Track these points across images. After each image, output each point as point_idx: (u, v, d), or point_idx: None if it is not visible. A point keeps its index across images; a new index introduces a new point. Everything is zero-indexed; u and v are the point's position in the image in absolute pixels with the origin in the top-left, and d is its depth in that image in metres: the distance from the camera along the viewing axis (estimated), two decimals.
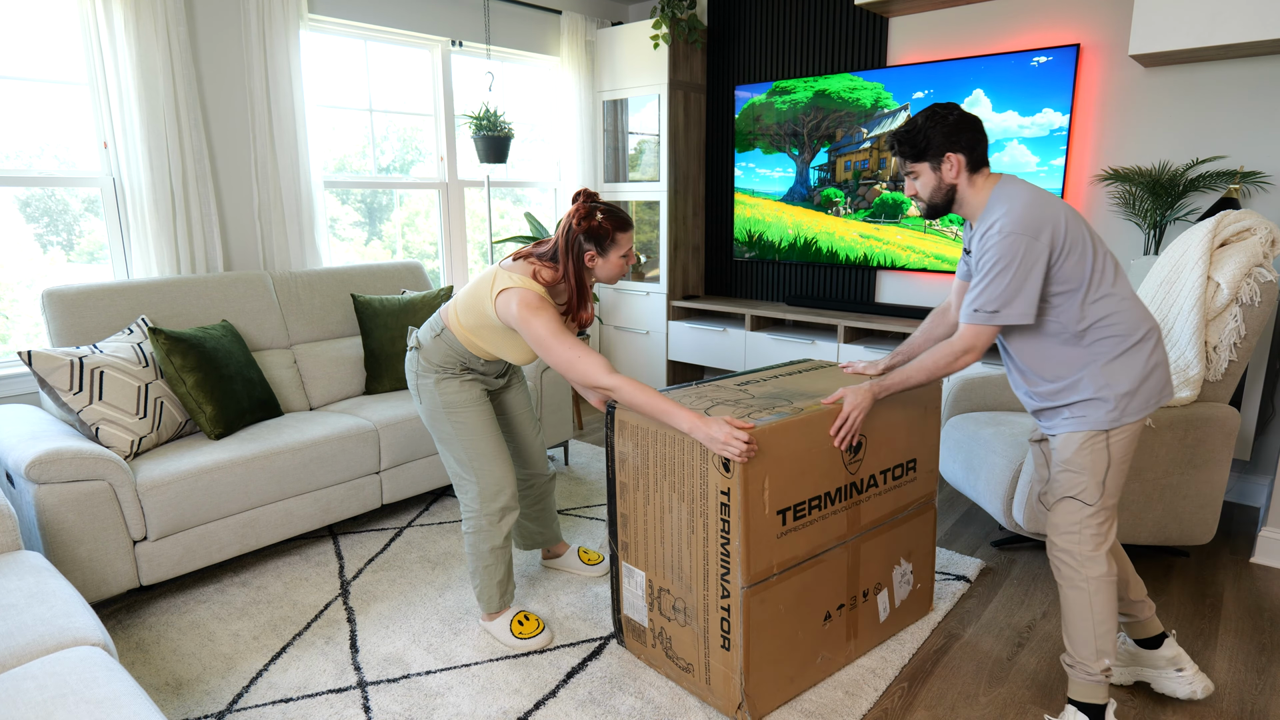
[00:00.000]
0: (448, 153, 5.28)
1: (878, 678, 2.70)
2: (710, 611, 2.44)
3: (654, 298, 5.94)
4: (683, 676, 2.60)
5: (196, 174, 4.00)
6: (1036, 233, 2.20)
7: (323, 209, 4.48)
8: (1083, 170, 4.44)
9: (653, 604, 2.63)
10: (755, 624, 2.38)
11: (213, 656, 2.85)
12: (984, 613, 3.12)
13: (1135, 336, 2.28)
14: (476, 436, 2.78)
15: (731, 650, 2.41)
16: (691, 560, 2.45)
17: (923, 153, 2.33)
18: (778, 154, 5.43)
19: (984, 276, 2.24)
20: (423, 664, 2.79)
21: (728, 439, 2.26)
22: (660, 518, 2.52)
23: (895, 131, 2.37)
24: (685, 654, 2.56)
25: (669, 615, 2.57)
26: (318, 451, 3.51)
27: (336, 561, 3.53)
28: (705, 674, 2.51)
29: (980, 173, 2.35)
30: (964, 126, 2.31)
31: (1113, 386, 2.27)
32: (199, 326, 3.69)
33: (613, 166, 6.05)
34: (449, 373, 2.78)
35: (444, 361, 2.77)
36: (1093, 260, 2.26)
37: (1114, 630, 2.34)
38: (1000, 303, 2.23)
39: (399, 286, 4.56)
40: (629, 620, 2.77)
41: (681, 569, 2.49)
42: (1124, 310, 2.28)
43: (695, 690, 2.57)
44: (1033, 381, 2.39)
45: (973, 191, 2.34)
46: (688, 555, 2.46)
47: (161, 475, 3.09)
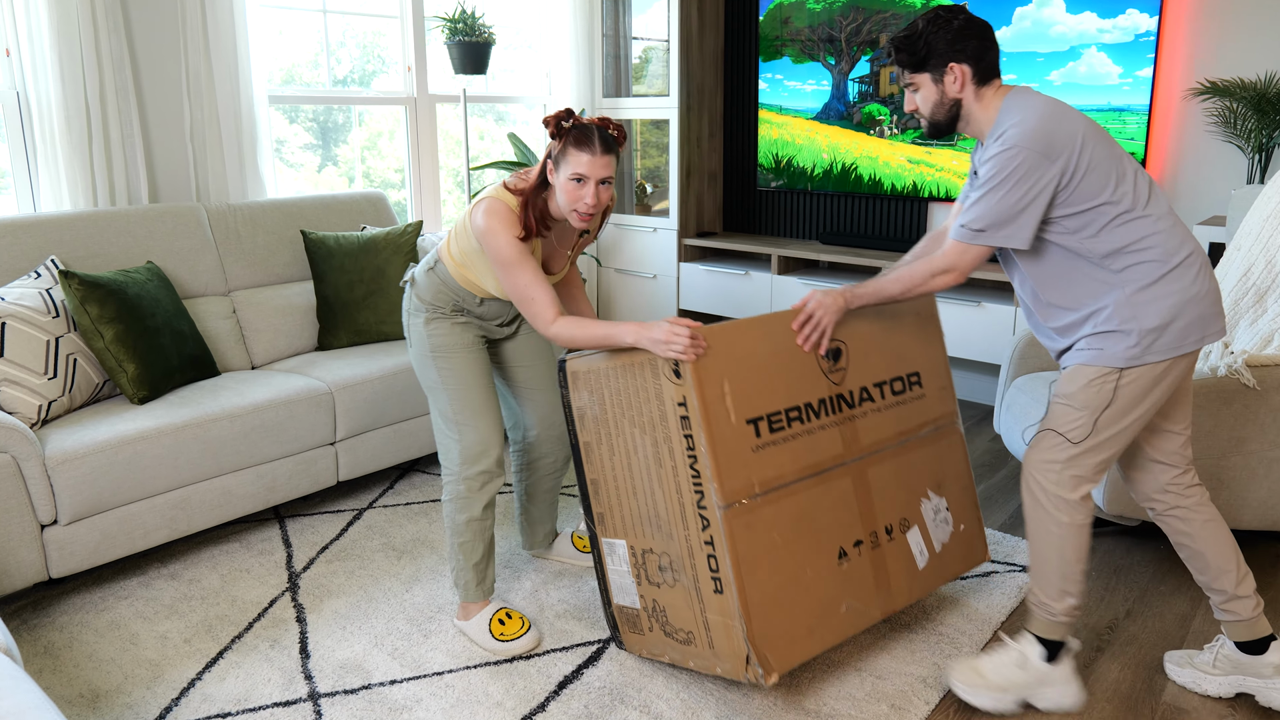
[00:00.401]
0: (416, 62, 5.27)
1: (929, 688, 2.69)
2: (695, 555, 2.49)
3: (662, 235, 5.94)
4: (687, 653, 2.61)
5: (117, 86, 3.98)
6: (1047, 150, 2.27)
7: (267, 129, 4.48)
8: (1174, 84, 4.48)
9: (639, 574, 2.68)
10: (745, 555, 2.43)
11: (136, 663, 2.83)
12: None
13: (1173, 261, 2.32)
14: (464, 386, 2.86)
15: (725, 592, 2.43)
16: (665, 499, 2.54)
17: (923, 62, 2.41)
18: (810, 63, 5.44)
19: (981, 189, 2.32)
20: (386, 672, 2.79)
21: (668, 336, 2.41)
22: (628, 464, 2.62)
23: (893, 37, 2.45)
24: (682, 621, 2.59)
25: (657, 580, 2.63)
26: (261, 418, 3.50)
27: (283, 550, 3.53)
28: (706, 636, 2.53)
29: (989, 85, 2.42)
30: (970, 33, 2.38)
31: (1139, 320, 2.33)
32: (119, 269, 3.66)
33: (613, 78, 6.06)
34: (440, 312, 2.87)
35: (436, 299, 2.86)
36: (1117, 178, 2.31)
37: (1083, 571, 2.51)
38: (990, 221, 2.32)
39: (358, 221, 4.55)
40: (622, 611, 2.80)
41: (658, 514, 2.57)
42: (1161, 232, 2.33)
43: (702, 664, 2.57)
44: (1049, 314, 2.48)
45: (980, 107, 2.42)
46: (660, 495, 2.55)
47: (75, 446, 3.07)
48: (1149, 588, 3.22)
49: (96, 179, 3.95)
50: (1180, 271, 2.32)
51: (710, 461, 2.40)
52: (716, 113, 6.01)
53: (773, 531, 2.48)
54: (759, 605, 2.43)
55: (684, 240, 5.89)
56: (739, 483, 2.44)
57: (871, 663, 2.79)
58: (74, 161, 3.88)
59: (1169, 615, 3.06)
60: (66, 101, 3.82)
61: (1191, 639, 2.92)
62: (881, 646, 2.87)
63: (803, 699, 2.62)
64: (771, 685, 2.42)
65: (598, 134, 2.61)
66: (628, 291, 6.20)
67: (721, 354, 2.46)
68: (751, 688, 2.67)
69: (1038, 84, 4.64)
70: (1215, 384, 3.04)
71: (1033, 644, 2.57)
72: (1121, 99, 4.45)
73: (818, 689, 2.66)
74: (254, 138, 4.42)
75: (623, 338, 2.50)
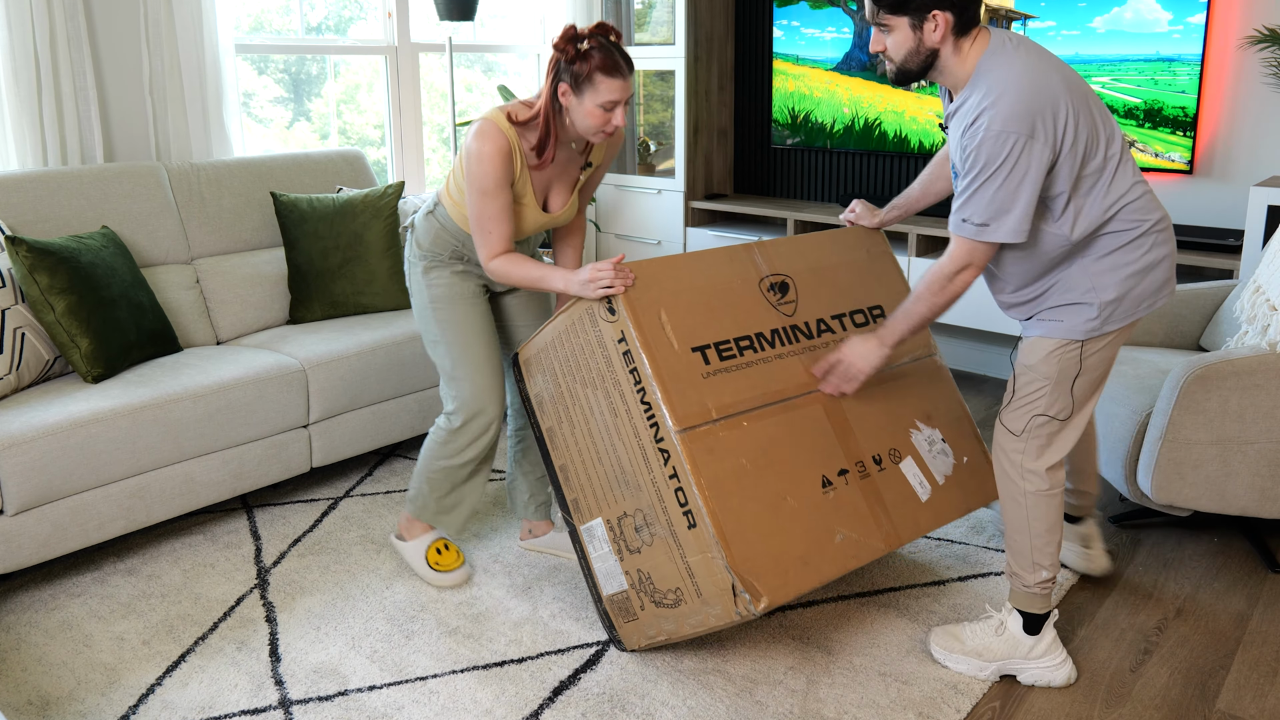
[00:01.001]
0: (397, 7, 5.26)
1: (960, 695, 2.69)
2: (664, 496, 2.59)
3: (667, 197, 5.95)
4: (681, 618, 2.65)
5: (69, 35, 3.98)
6: (1032, 128, 2.32)
7: (233, 81, 4.48)
8: (1229, 31, 4.44)
9: (619, 548, 2.76)
10: (712, 480, 2.53)
11: (90, 667, 2.83)
12: (1099, 610, 3.10)
13: (1137, 230, 2.48)
14: (463, 339, 3.01)
15: (698, 524, 2.51)
16: (626, 448, 2.66)
17: (904, 4, 2.41)
18: (830, 9, 5.44)
19: (971, 179, 2.38)
20: (365, 677, 2.79)
21: (592, 275, 2.58)
22: (588, 431, 2.77)
23: None
24: (668, 580, 2.65)
25: (636, 545, 2.71)
26: (227, 399, 3.50)
27: (252, 543, 3.54)
28: (693, 585, 2.57)
29: (968, 35, 2.45)
30: None
31: (1099, 291, 2.50)
32: (72, 235, 3.65)
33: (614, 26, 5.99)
34: (439, 260, 3.02)
35: (434, 245, 3.00)
36: (1104, 142, 2.43)
37: (1054, 544, 2.66)
38: (990, 214, 2.38)
39: (333, 182, 4.56)
40: (612, 601, 2.84)
41: (623, 469, 2.69)
42: (1131, 201, 2.47)
43: (696, 622, 2.61)
44: (1009, 282, 2.64)
45: (957, 59, 2.46)
46: (621, 446, 2.68)
47: (22, 430, 3.06)
48: (1201, 584, 3.20)
49: (46, 136, 3.93)
50: (1142, 240, 2.48)
51: (657, 387, 2.55)
52: (727, 63, 5.99)
53: (739, 457, 2.59)
54: (736, 531, 2.50)
55: (691, 203, 5.89)
56: (692, 407, 2.57)
57: (896, 666, 2.78)
58: (21, 117, 3.87)
59: (1223, 614, 3.04)
60: (14, 51, 3.81)
61: (1249, 639, 2.89)
62: (908, 649, 2.86)
63: (822, 706, 2.60)
64: (762, 612, 2.45)
65: (620, 56, 2.72)
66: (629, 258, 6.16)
67: (653, 286, 2.66)
68: (765, 695, 2.65)
69: (1080, 31, 4.60)
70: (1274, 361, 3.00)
71: (1011, 613, 2.72)
72: (1171, 48, 4.40)
73: (839, 696, 2.65)
74: (219, 90, 4.40)
75: (553, 281, 2.72)
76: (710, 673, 2.75)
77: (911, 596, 3.12)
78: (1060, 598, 3.14)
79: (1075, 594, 3.17)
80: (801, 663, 2.79)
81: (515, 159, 2.78)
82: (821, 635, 2.92)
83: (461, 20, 4.99)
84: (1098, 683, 2.74)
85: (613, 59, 2.69)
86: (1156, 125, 4.50)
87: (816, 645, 2.88)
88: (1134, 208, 2.46)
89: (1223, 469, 3.06)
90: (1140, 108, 4.52)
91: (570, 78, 2.70)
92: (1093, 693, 2.70)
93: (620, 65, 2.70)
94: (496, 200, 2.76)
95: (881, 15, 2.44)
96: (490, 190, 2.75)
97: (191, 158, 4.35)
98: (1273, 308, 3.16)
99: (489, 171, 2.73)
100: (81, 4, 3.99)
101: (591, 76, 2.68)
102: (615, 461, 2.71)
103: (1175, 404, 3.03)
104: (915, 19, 2.41)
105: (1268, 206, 3.90)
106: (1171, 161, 4.49)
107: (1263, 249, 3.75)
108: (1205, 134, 4.51)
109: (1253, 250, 3.85)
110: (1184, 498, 3.10)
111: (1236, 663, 2.80)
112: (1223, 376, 3.00)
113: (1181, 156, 4.46)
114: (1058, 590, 3.16)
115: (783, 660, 2.80)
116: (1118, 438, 3.26)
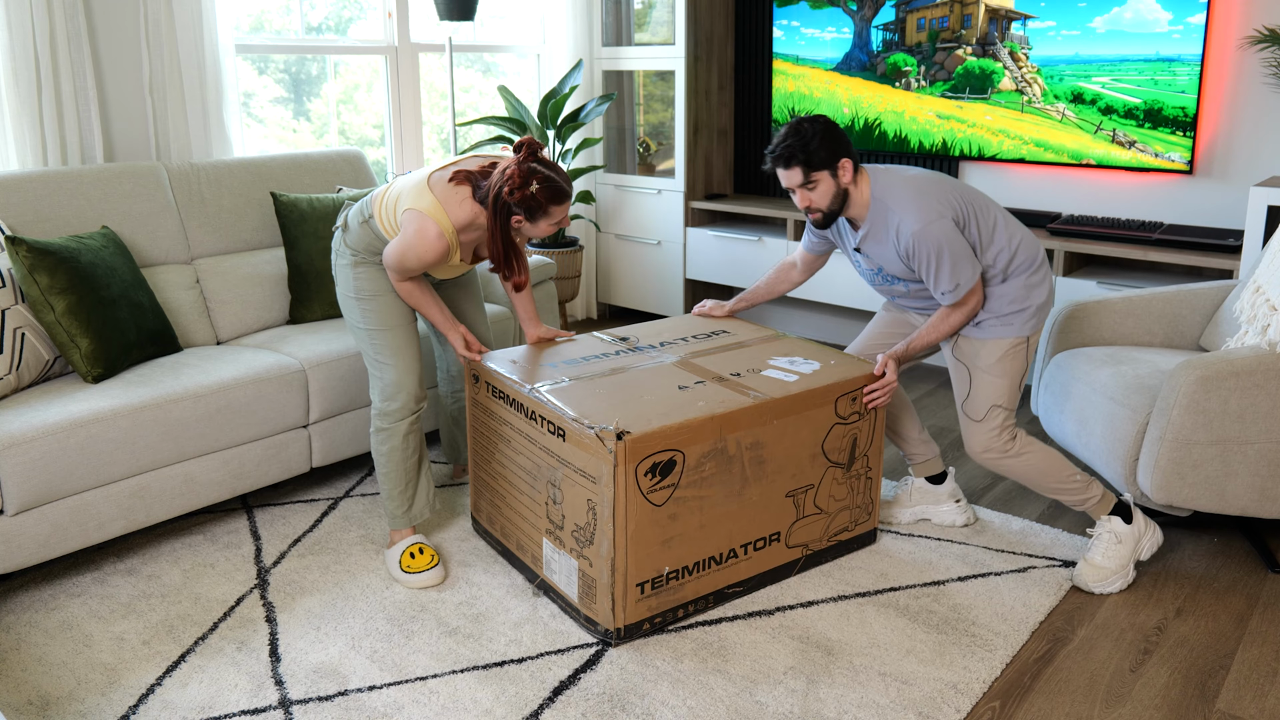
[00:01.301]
0: (397, 7, 5.25)
1: (960, 695, 2.68)
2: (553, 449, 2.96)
3: (667, 197, 5.94)
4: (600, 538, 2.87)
5: (69, 35, 3.97)
6: (940, 213, 3.00)
7: (234, 81, 4.47)
8: (1228, 31, 4.45)
9: (557, 540, 3.03)
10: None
11: (90, 667, 2.82)
12: (1099, 610, 3.11)
13: (1037, 260, 3.17)
14: (384, 328, 3.26)
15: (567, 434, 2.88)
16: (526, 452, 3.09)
17: (822, 161, 3.02)
18: (830, 9, 5.44)
19: (931, 272, 3.03)
20: (365, 677, 2.78)
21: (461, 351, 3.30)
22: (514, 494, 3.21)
23: (779, 149, 3.05)
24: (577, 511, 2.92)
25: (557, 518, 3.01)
26: (227, 399, 3.49)
27: (252, 543, 3.53)
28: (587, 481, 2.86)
29: (860, 173, 3.12)
30: (839, 133, 3.06)
31: (1032, 298, 3.16)
32: (72, 235, 3.64)
33: (613, 26, 6.04)
34: (368, 259, 3.25)
35: (365, 248, 3.23)
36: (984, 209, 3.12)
37: (1067, 467, 3.21)
38: (957, 280, 3.03)
39: (333, 182, 4.54)
40: (582, 594, 2.97)
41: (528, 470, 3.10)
42: (1020, 238, 3.15)
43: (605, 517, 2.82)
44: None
45: (858, 191, 3.11)
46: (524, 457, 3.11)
47: (22, 430, 3.05)
48: (1201, 584, 3.21)
49: (46, 136, 3.93)
50: (1041, 267, 3.17)
51: None
52: (727, 63, 5.99)
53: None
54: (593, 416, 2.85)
55: (691, 203, 5.88)
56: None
57: (897, 666, 2.77)
58: (22, 117, 3.86)
59: (1223, 614, 3.04)
60: (14, 51, 3.80)
61: (1249, 639, 2.89)
62: (908, 649, 2.85)
63: (822, 706, 2.60)
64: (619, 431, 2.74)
65: (562, 180, 3.04)
66: (629, 259, 6.16)
67: None
68: (766, 695, 2.65)
69: (1080, 31, 4.61)
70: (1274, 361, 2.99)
71: (1108, 521, 3.18)
72: (1171, 48, 4.41)
73: (838, 696, 2.64)
74: (219, 90, 4.39)
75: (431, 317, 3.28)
76: (710, 673, 2.75)
77: (911, 596, 3.12)
78: (1061, 596, 3.14)
79: (1075, 594, 3.17)
80: (801, 663, 2.79)
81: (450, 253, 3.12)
82: (821, 635, 2.92)
83: (461, 20, 4.98)
84: (1098, 683, 2.74)
85: (556, 188, 3.01)
86: (1156, 125, 4.50)
87: (816, 645, 2.87)
88: (1023, 244, 3.13)
89: (1223, 469, 3.06)
90: (1140, 108, 4.52)
91: (524, 211, 3.01)
92: (1093, 693, 2.70)
93: (565, 190, 3.03)
94: (418, 264, 3.08)
95: (810, 176, 3.02)
96: (414, 262, 3.07)
97: (191, 158, 4.34)
98: (1273, 308, 3.16)
99: (421, 255, 3.04)
100: (81, 4, 3.99)
101: (545, 208, 3.01)
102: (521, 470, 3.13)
103: (1175, 404, 3.02)
104: (832, 170, 3.03)
105: (1268, 206, 3.90)
106: (1171, 161, 4.49)
107: (1263, 249, 3.75)
108: (1205, 134, 4.51)
109: (1253, 250, 3.85)
110: (1184, 498, 3.10)
111: (1236, 663, 2.80)
112: (1223, 376, 2.99)
113: (1181, 156, 4.45)
114: (1057, 590, 3.17)
115: (783, 660, 2.80)
116: (1118, 438, 3.26)
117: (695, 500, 2.90)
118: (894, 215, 3.03)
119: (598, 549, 2.83)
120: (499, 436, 3.23)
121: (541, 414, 2.96)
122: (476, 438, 3.38)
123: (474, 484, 3.47)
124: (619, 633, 2.87)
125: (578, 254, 5.69)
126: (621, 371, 3.18)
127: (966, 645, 2.87)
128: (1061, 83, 4.71)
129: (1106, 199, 4.86)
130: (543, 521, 3.07)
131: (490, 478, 3.33)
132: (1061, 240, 4.59)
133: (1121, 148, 4.61)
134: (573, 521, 2.92)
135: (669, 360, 3.29)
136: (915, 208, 2.99)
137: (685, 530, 2.91)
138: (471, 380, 3.32)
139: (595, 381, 3.09)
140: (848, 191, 3.08)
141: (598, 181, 6.21)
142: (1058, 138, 4.81)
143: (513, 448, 3.16)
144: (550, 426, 2.94)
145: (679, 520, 2.88)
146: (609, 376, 3.14)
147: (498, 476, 3.28)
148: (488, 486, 3.37)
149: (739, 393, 3.03)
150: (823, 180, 3.03)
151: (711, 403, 2.95)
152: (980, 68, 4.97)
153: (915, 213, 2.98)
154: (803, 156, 3.00)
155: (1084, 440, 3.45)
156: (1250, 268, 3.77)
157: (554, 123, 5.47)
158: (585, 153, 6.00)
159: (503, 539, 3.33)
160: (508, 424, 3.15)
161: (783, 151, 3.03)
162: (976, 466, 4.07)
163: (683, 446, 2.83)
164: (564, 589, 3.02)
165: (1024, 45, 4.77)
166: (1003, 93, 4.92)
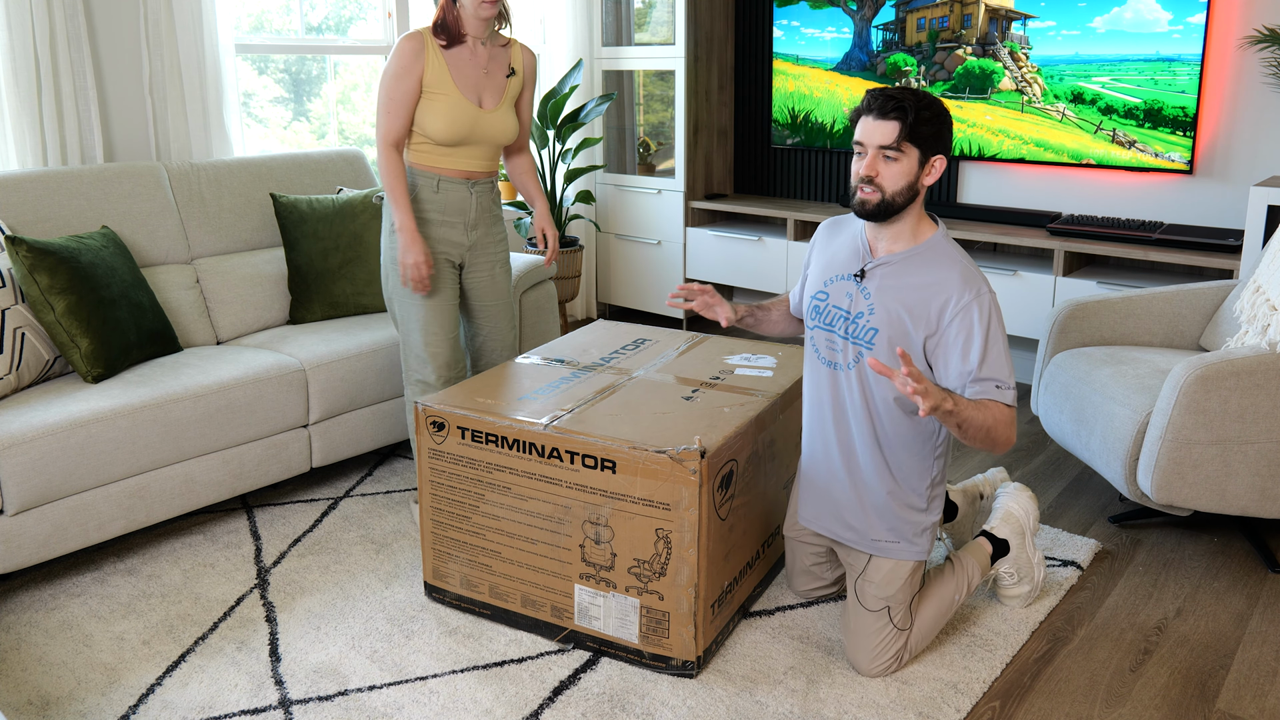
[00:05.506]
0: (397, 7, 5.25)
1: (960, 695, 2.68)
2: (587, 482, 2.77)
3: (667, 197, 5.93)
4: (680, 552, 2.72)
5: (69, 35, 3.96)
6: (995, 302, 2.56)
7: (233, 81, 4.47)
8: (1228, 31, 4.44)
9: (601, 580, 2.82)
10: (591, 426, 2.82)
11: (90, 667, 2.82)
12: (1099, 610, 3.11)
13: None
14: (418, 301, 3.39)
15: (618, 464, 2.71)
16: (541, 501, 2.85)
17: (923, 139, 2.50)
18: (830, 9, 5.44)
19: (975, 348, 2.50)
20: (365, 676, 2.78)
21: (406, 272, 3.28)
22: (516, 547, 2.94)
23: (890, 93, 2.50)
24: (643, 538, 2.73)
25: (607, 559, 2.80)
26: (227, 399, 3.49)
27: (252, 543, 3.53)
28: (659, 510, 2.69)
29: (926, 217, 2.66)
30: (951, 130, 2.59)
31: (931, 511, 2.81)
32: (72, 235, 3.64)
33: (614, 26, 6.03)
34: None
35: None
36: None
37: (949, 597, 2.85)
38: (1009, 372, 2.52)
39: (333, 183, 4.54)
40: (645, 637, 2.81)
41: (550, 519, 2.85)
42: None
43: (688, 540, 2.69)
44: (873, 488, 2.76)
45: (917, 215, 2.61)
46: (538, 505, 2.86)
47: (22, 430, 3.05)
48: (1201, 584, 3.20)
49: (46, 135, 3.92)
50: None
51: None
52: (727, 63, 5.98)
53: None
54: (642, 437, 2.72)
55: (691, 203, 5.88)
56: None
57: None
58: (21, 116, 3.86)
59: (1223, 614, 3.03)
60: (13, 50, 3.80)
61: (1249, 639, 2.89)
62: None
63: (822, 707, 2.59)
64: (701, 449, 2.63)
65: None
66: (629, 259, 6.16)
67: None
68: (766, 695, 2.65)
69: (1080, 31, 4.61)
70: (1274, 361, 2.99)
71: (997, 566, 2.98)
72: (1171, 48, 4.40)
73: (839, 696, 2.64)
74: (219, 90, 4.39)
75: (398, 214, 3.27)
76: (710, 673, 2.75)
77: None
78: (1061, 596, 3.14)
79: (1075, 594, 3.16)
80: (801, 663, 2.79)
81: (426, 52, 3.25)
82: (821, 635, 2.92)
83: None
84: (1098, 683, 2.74)
85: None
86: (1156, 125, 4.50)
87: (816, 645, 2.87)
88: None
89: (1223, 469, 3.06)
90: (1140, 108, 4.52)
91: None
92: (1093, 693, 2.70)
93: None
94: (399, 86, 3.26)
95: (903, 143, 2.49)
96: (395, 73, 3.25)
97: (191, 158, 4.34)
98: (1273, 308, 3.16)
99: (395, 58, 3.24)
100: (81, 4, 3.98)
101: None
102: (534, 518, 2.87)
103: (1175, 404, 3.02)
104: (924, 154, 2.51)
105: (1268, 206, 3.90)
106: (1171, 161, 4.49)
107: (1263, 249, 3.75)
108: (1205, 134, 4.51)
109: (1253, 250, 3.85)
110: (1184, 498, 3.10)
111: (1236, 663, 2.80)
112: (1223, 376, 2.99)
113: (1181, 156, 4.45)
114: (1057, 590, 3.16)
115: (783, 660, 2.80)
116: (1118, 438, 3.25)
117: (742, 507, 2.89)
118: (944, 270, 2.55)
119: (673, 579, 2.71)
120: (488, 487, 2.93)
121: (573, 449, 2.74)
122: (439, 494, 3.01)
123: (433, 548, 3.08)
124: (699, 661, 2.75)
125: (578, 254, 5.69)
126: (612, 390, 3.04)
127: (966, 645, 2.87)
128: (1061, 83, 4.71)
129: (1106, 199, 4.86)
130: (575, 567, 2.85)
131: (468, 537, 3.00)
132: (1061, 240, 4.58)
133: (1121, 147, 4.61)
134: (630, 558, 2.76)
135: (641, 374, 3.17)
136: (975, 275, 2.54)
137: (737, 539, 2.88)
138: (431, 429, 2.95)
139: (596, 406, 2.93)
140: (918, 196, 2.57)
141: (598, 181, 6.20)
142: (1058, 138, 4.81)
143: (516, 495, 2.89)
144: (590, 461, 2.73)
145: (735, 530, 2.85)
146: (606, 398, 2.98)
147: (483, 533, 2.97)
148: (462, 547, 3.02)
149: (744, 394, 3.01)
150: (908, 158, 2.50)
151: (733, 407, 2.91)
152: (980, 68, 4.97)
153: (976, 279, 2.53)
154: (911, 116, 2.46)
155: (1084, 440, 3.44)
156: (1250, 268, 3.78)
157: (554, 122, 5.46)
158: (585, 153, 5.99)
159: (496, 600, 3.01)
160: (506, 470, 2.87)
161: (894, 95, 2.48)
162: (977, 467, 4.07)
163: (737, 455, 2.79)
164: (613, 634, 2.83)
165: (1024, 45, 4.77)
166: (1003, 92, 4.92)
